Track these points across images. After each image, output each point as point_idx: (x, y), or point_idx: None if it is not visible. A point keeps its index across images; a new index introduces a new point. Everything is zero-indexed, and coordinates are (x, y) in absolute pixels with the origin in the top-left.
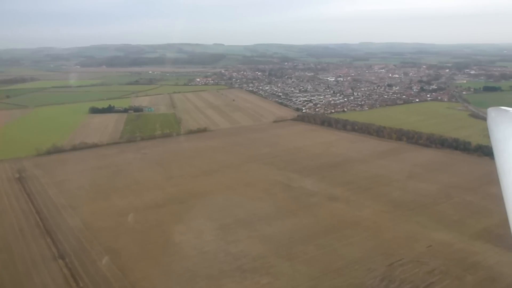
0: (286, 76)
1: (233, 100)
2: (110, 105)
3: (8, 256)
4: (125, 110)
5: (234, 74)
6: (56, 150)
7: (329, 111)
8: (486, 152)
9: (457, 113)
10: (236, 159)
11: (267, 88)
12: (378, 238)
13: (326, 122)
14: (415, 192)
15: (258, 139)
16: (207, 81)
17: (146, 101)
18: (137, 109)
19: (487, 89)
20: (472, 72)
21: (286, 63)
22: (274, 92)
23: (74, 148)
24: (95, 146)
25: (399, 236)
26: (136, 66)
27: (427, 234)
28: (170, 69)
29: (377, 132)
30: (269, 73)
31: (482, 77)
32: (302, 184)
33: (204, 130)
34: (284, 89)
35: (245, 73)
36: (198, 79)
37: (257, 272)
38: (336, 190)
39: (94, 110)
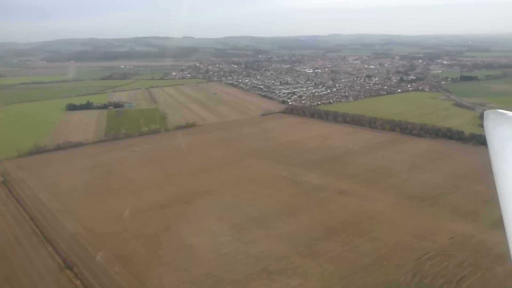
0: (263, 69)
1: (215, 93)
2: (88, 101)
3: (8, 269)
4: (105, 106)
5: (210, 67)
6: (39, 150)
7: (315, 103)
8: (480, 141)
9: (441, 103)
10: (232, 154)
11: (246, 80)
12: (398, 232)
13: (316, 114)
14: (423, 183)
15: (250, 133)
16: (184, 75)
17: (124, 96)
18: (117, 105)
19: (464, 78)
20: (445, 62)
21: (260, 56)
22: (255, 85)
23: (59, 148)
24: (80, 144)
25: (419, 229)
26: (106, 61)
27: (445, 226)
28: (143, 63)
29: (369, 123)
30: (246, 65)
31: (455, 67)
32: (307, 179)
33: (193, 125)
34: (264, 81)
35: (220, 66)
36: (174, 73)
37: (284, 274)
38: (343, 183)
39: (72, 107)
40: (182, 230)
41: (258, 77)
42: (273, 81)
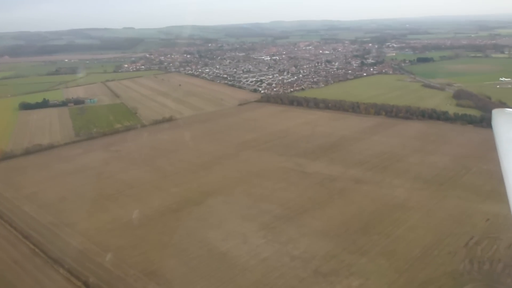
0: (218, 57)
1: (179, 85)
2: (44, 98)
3: None
4: (64, 104)
5: (162, 58)
6: (5, 156)
7: (288, 90)
8: (466, 120)
9: (410, 85)
10: (225, 148)
11: (207, 70)
12: (433, 218)
13: (295, 101)
14: (433, 166)
15: (234, 124)
16: (137, 67)
17: (80, 91)
18: (78, 102)
19: (421, 60)
20: (394, 45)
21: (210, 44)
22: (218, 74)
23: (28, 152)
24: (52, 147)
25: (452, 214)
26: (45, 55)
27: (476, 208)
28: (87, 56)
29: (353, 108)
30: (200, 55)
31: (407, 50)
32: (316, 169)
33: (170, 119)
34: (225, 70)
35: (173, 56)
36: (126, 65)
37: (340, 274)
38: (354, 171)
39: (26, 106)
40: (207, 236)
41: (217, 66)
42: (234, 70)
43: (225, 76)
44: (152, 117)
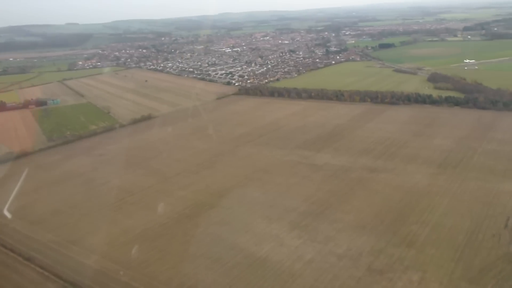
0: (177, 51)
1: (146, 81)
2: (1, 101)
3: None
4: (24, 106)
5: (116, 53)
6: None
7: (263, 82)
8: (453, 102)
9: (382, 71)
10: (220, 144)
11: (170, 64)
12: (462, 202)
13: (276, 93)
14: (439, 149)
15: (220, 119)
16: (94, 64)
17: (37, 92)
18: (40, 103)
19: (383, 46)
20: (349, 33)
21: (163, 38)
22: (183, 69)
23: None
24: (25, 154)
25: (478, 196)
26: None
27: (498, 188)
28: (33, 54)
29: (337, 96)
30: (156, 49)
31: (364, 36)
32: (324, 161)
33: (149, 117)
34: (189, 64)
35: (128, 51)
36: (81, 62)
37: (396, 270)
38: (364, 160)
39: None
40: (237, 241)
41: (179, 60)
42: (199, 63)
43: (191, 70)
44: (127, 116)
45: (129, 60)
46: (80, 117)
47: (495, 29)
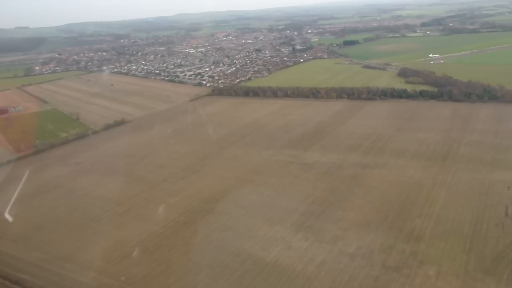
0: (139, 53)
1: (111, 84)
2: None
3: None
4: None
5: (75, 57)
6: None
7: (235, 82)
8: (428, 95)
9: (350, 67)
10: (203, 147)
11: (134, 67)
12: (459, 193)
13: (250, 92)
14: (425, 143)
15: (198, 121)
16: (52, 69)
17: None
18: (1, 111)
19: (347, 43)
20: (310, 31)
21: (122, 40)
22: (149, 71)
23: None
24: None
25: (473, 186)
26: None
27: (490, 178)
28: None
29: (313, 94)
30: (117, 52)
31: (326, 34)
32: (314, 159)
33: (122, 122)
34: (154, 66)
35: (87, 55)
36: (38, 67)
37: (411, 265)
38: (353, 157)
39: None
40: (242, 247)
41: (143, 62)
42: (164, 65)
43: (158, 71)
44: (99, 121)
45: (89, 63)
46: (48, 125)
47: (451, 24)
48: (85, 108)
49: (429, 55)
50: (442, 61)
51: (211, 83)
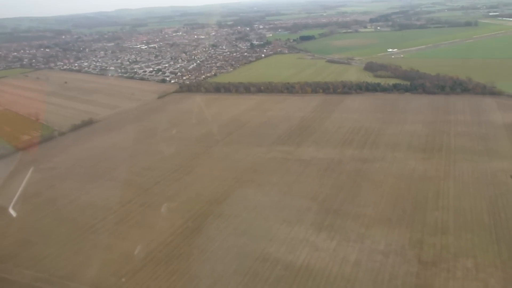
0: (86, 49)
1: (65, 82)
2: None
3: None
4: None
5: (15, 54)
6: None
7: (201, 78)
8: (403, 88)
9: (315, 62)
10: (187, 146)
11: (85, 64)
12: (466, 184)
13: (222, 88)
14: (415, 135)
15: (174, 119)
16: None
17: None
18: None
19: (304, 38)
20: (262, 27)
21: (63, 36)
22: (104, 67)
23: None
24: None
25: (477, 176)
26: None
27: (490, 167)
28: None
29: (287, 89)
30: (62, 48)
31: (279, 30)
32: (311, 155)
33: (91, 122)
34: (107, 62)
35: (29, 51)
36: None
37: (447, 259)
38: (350, 151)
39: None
40: (268, 251)
41: (94, 59)
42: (118, 61)
43: (113, 68)
44: (62, 122)
45: (34, 60)
46: (4, 127)
47: (398, 20)
48: (43, 108)
49: (388, 50)
50: (402, 56)
51: (175, 79)
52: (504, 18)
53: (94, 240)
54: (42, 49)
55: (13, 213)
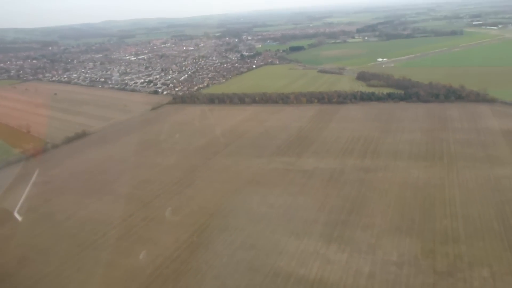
0: (75, 61)
1: (55, 94)
2: None
3: None
4: None
5: (2, 65)
6: None
7: (194, 89)
8: (398, 97)
9: (307, 72)
10: (185, 158)
11: (75, 75)
12: (472, 191)
13: (216, 99)
14: (415, 143)
15: (170, 131)
16: None
17: None
18: None
19: (294, 49)
20: (250, 38)
21: (50, 48)
22: (94, 79)
23: None
24: None
25: (481, 183)
26: None
27: (492, 174)
28: None
29: (282, 99)
30: (50, 59)
31: (268, 41)
32: (313, 165)
33: (84, 134)
34: (97, 74)
35: (16, 62)
36: None
37: (462, 269)
38: (351, 161)
39: None
40: (277, 265)
41: (83, 70)
42: (108, 73)
43: (103, 80)
44: (55, 134)
45: (21, 72)
46: None
47: (384, 30)
48: (33, 120)
49: (378, 59)
50: (393, 65)
51: (168, 90)
52: (487, 27)
53: (96, 257)
54: (29, 61)
55: (6, 230)
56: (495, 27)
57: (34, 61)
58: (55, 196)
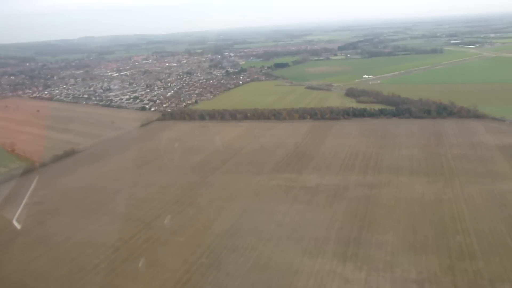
0: (55, 77)
1: (38, 110)
2: None
3: None
4: None
5: None
6: None
7: (182, 105)
8: (390, 113)
9: (294, 88)
10: (183, 176)
11: (56, 92)
12: (479, 207)
13: (207, 116)
14: (414, 159)
15: (163, 148)
16: None
17: None
18: None
19: (278, 66)
20: (233, 54)
21: (27, 64)
22: (77, 95)
23: None
24: None
25: (487, 198)
26: None
27: (496, 189)
28: None
29: (274, 115)
30: (29, 75)
31: (251, 57)
32: (315, 182)
33: (73, 152)
34: (79, 90)
35: None
36: None
37: (483, 285)
38: (354, 177)
39: None
40: (295, 286)
41: (64, 86)
42: (91, 89)
43: (87, 96)
44: (40, 152)
45: None
46: None
47: (365, 48)
48: (16, 137)
49: (364, 76)
50: (379, 82)
51: (155, 107)
52: (465, 46)
53: (100, 282)
54: (6, 77)
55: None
56: (472, 46)
57: (11, 77)
58: (48, 217)
